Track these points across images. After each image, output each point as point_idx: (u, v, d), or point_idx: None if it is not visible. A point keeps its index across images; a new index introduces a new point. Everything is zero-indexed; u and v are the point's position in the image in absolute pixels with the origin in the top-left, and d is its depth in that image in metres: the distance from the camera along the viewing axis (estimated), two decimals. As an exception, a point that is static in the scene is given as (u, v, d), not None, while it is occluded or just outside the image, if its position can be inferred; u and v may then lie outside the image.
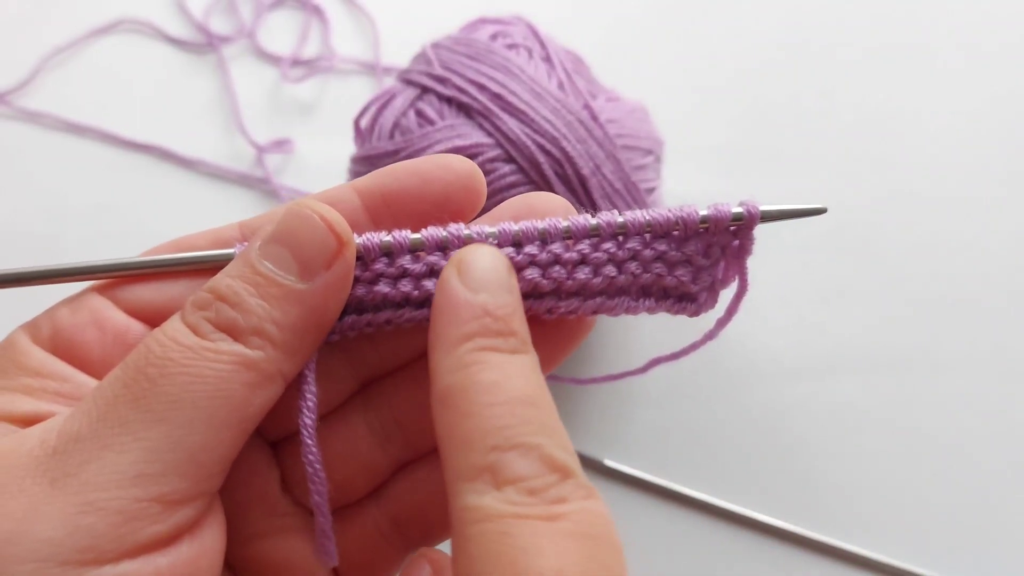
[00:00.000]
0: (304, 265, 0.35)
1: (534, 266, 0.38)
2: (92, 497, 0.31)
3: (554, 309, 0.39)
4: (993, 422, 0.77)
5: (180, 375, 0.33)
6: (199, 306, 0.35)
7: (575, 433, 0.76)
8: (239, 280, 0.35)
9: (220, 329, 0.34)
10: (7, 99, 0.91)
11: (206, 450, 0.33)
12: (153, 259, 0.38)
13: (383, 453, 0.41)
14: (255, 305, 0.34)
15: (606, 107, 0.69)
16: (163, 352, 0.33)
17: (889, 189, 0.86)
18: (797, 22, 0.96)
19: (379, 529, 0.41)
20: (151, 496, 0.31)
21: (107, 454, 0.31)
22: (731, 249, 0.39)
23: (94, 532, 0.30)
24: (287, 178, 0.88)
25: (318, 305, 0.36)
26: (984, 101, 0.91)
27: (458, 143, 0.65)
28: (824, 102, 0.91)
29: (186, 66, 0.94)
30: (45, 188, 0.88)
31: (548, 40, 0.71)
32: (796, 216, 0.39)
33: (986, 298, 0.82)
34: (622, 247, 0.39)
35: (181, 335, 0.34)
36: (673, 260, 0.39)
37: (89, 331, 0.37)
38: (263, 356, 0.34)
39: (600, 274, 0.38)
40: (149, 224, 0.86)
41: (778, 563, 0.72)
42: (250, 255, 0.35)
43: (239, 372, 0.33)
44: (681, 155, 0.81)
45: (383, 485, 0.42)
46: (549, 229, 0.38)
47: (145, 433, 0.32)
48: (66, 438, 0.32)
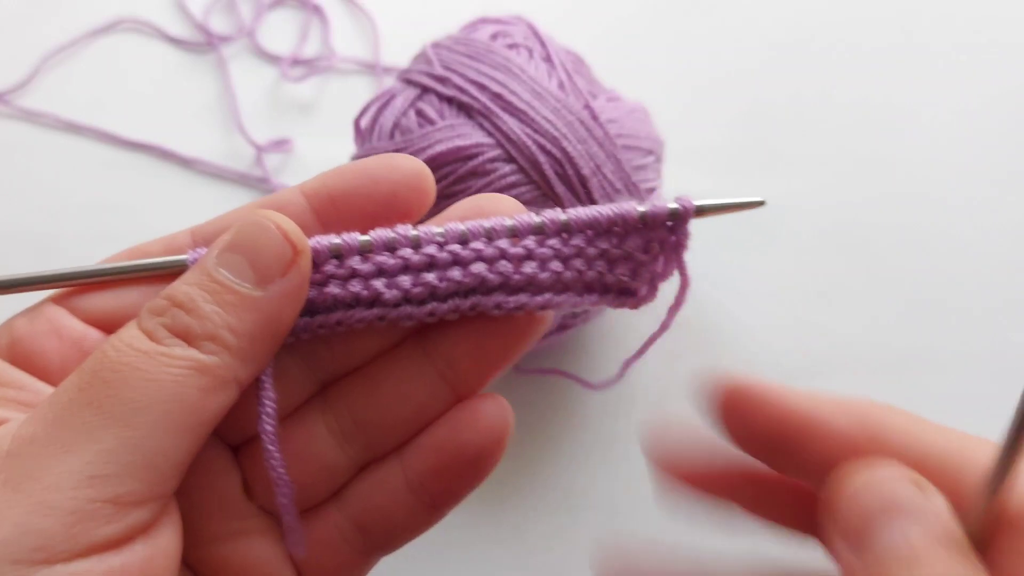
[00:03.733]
0: (260, 272, 0.36)
1: (480, 261, 0.39)
2: (45, 497, 0.31)
3: (503, 304, 0.39)
4: (993, 422, 0.77)
5: (135, 379, 0.33)
6: (155, 312, 0.35)
7: (575, 433, 0.76)
8: (195, 287, 0.35)
9: (175, 335, 0.34)
10: (6, 98, 0.91)
11: (161, 453, 0.33)
12: (106, 267, 0.39)
13: (343, 454, 0.41)
14: (210, 311, 0.35)
15: (606, 107, 0.69)
16: (118, 357, 0.34)
17: (888, 188, 0.86)
18: (797, 22, 0.96)
19: (340, 532, 0.41)
20: (105, 497, 0.32)
21: (61, 455, 0.32)
22: (668, 244, 0.41)
23: (46, 532, 0.31)
24: (286, 178, 0.88)
25: (273, 312, 0.36)
26: (983, 101, 0.91)
27: (458, 143, 0.64)
28: (824, 102, 0.91)
29: (185, 65, 0.94)
30: (44, 187, 0.88)
31: (548, 40, 0.71)
32: (733, 210, 0.40)
33: (985, 298, 0.82)
34: (567, 243, 0.40)
35: (137, 340, 0.34)
36: (614, 257, 0.40)
37: (47, 340, 0.38)
38: (218, 361, 0.35)
39: (547, 269, 0.40)
40: (148, 223, 0.85)
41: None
42: (207, 263, 0.36)
43: (194, 376, 0.34)
44: (681, 155, 0.81)
45: (343, 488, 0.42)
46: (495, 227, 0.39)
47: (100, 435, 0.32)
48: (20, 441, 0.33)
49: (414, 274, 0.39)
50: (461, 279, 0.39)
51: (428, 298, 0.39)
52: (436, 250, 0.39)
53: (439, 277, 0.39)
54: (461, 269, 0.39)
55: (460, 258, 0.39)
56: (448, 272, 0.39)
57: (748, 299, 0.62)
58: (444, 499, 0.41)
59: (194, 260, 0.38)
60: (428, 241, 0.39)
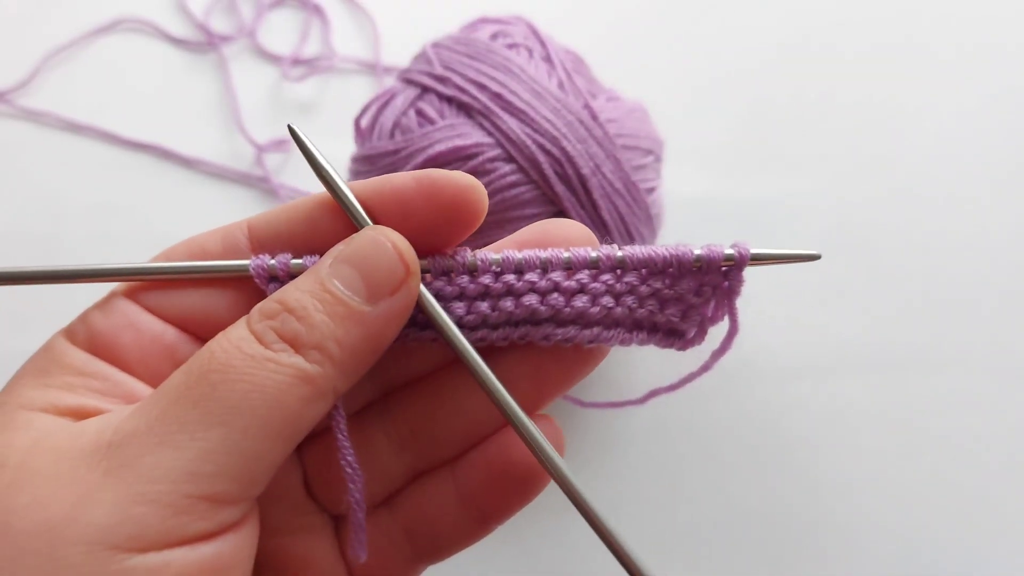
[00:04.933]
0: (371, 288, 0.36)
1: (533, 293, 0.39)
2: (145, 489, 0.32)
3: (551, 336, 0.40)
4: (993, 422, 0.77)
5: (240, 382, 0.34)
6: (266, 315, 0.36)
7: (574, 433, 0.76)
8: (308, 295, 0.36)
9: (283, 340, 0.35)
10: (8, 98, 0.91)
11: (257, 457, 0.34)
12: (173, 266, 0.40)
13: (398, 460, 0.42)
14: (320, 321, 0.36)
15: (606, 107, 0.69)
16: (226, 358, 0.34)
17: (888, 188, 0.87)
18: (797, 22, 0.96)
19: (390, 537, 0.42)
20: (201, 494, 0.33)
21: (163, 450, 0.33)
22: (721, 289, 0.41)
23: (143, 522, 0.32)
24: (286, 177, 0.88)
25: (378, 329, 0.37)
26: (984, 101, 0.91)
27: (458, 143, 0.65)
28: (824, 101, 0.91)
29: (186, 65, 0.95)
30: (45, 187, 0.88)
31: (548, 40, 0.71)
32: (788, 261, 0.41)
33: (985, 298, 0.82)
34: (620, 280, 0.40)
35: (245, 343, 0.35)
36: (666, 297, 0.41)
37: (125, 333, 0.39)
38: (320, 372, 0.35)
39: (598, 304, 0.40)
40: (149, 223, 0.86)
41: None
42: (320, 271, 0.37)
43: (296, 386, 0.34)
44: (681, 155, 0.81)
45: (396, 494, 0.43)
46: (551, 258, 0.40)
47: (202, 434, 0.33)
48: (123, 433, 0.34)
49: (468, 301, 0.40)
50: (513, 310, 0.39)
51: (480, 325, 0.40)
52: (491, 279, 0.40)
53: (491, 306, 0.40)
54: (514, 300, 0.39)
55: (513, 289, 0.39)
56: (501, 302, 0.40)
57: (747, 299, 0.61)
58: (493, 514, 0.42)
59: (256, 267, 0.39)
60: (484, 270, 0.40)
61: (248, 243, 0.40)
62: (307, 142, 0.40)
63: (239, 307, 0.39)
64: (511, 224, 0.65)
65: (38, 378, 0.37)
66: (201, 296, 0.40)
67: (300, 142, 0.40)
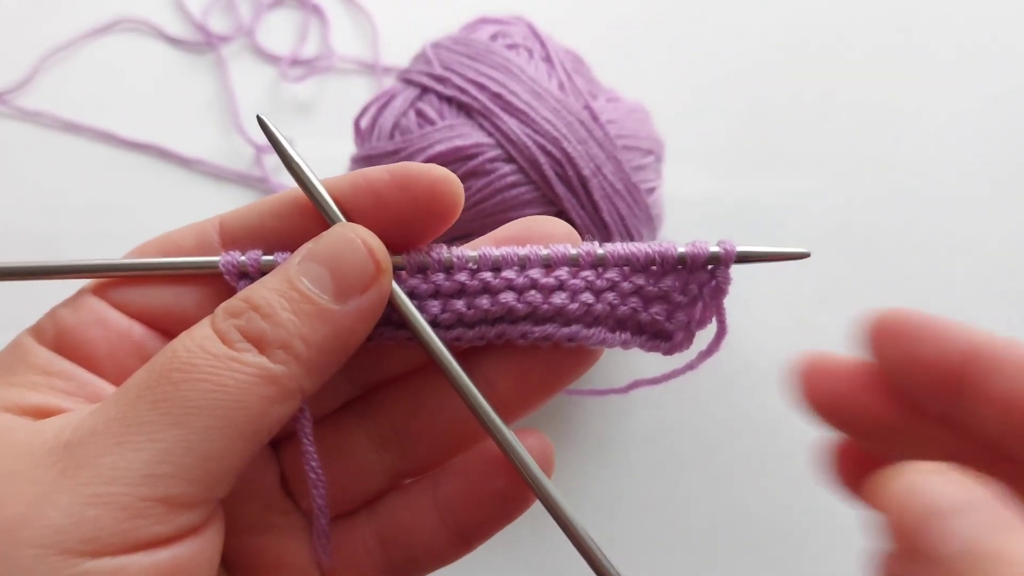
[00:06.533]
0: (340, 286, 0.36)
1: (509, 290, 0.38)
2: (100, 490, 0.31)
3: (528, 334, 0.39)
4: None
5: (202, 382, 0.33)
6: (231, 313, 0.35)
7: (572, 434, 0.76)
8: (275, 293, 0.35)
9: (248, 339, 0.34)
10: (6, 98, 0.91)
11: (218, 458, 0.33)
12: (143, 262, 0.39)
13: (378, 460, 0.41)
14: (286, 319, 0.35)
15: (606, 107, 0.69)
16: (188, 357, 0.34)
17: (889, 189, 0.86)
18: (797, 22, 0.96)
19: (365, 545, 0.41)
20: (157, 496, 0.32)
21: (120, 450, 0.32)
22: (708, 288, 0.40)
23: (98, 524, 0.31)
24: (285, 177, 0.88)
25: (347, 327, 0.36)
26: (984, 101, 0.91)
27: (458, 143, 0.64)
28: (824, 102, 0.91)
29: (184, 65, 0.94)
30: (43, 187, 0.88)
31: (548, 40, 0.71)
32: (777, 259, 0.39)
33: (985, 298, 0.82)
34: (600, 276, 0.39)
35: (209, 342, 0.34)
36: (650, 295, 0.40)
37: (93, 330, 0.38)
38: (286, 371, 0.34)
39: (577, 300, 0.39)
40: (147, 223, 0.85)
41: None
42: (288, 269, 0.36)
43: (260, 385, 0.34)
44: (681, 155, 0.81)
45: (375, 500, 0.42)
46: (530, 255, 0.39)
47: (160, 435, 0.32)
48: (82, 432, 0.33)
49: (443, 299, 0.39)
50: (489, 307, 0.38)
51: (456, 324, 0.39)
52: (467, 277, 0.39)
53: (467, 304, 0.39)
54: (490, 298, 0.38)
55: (490, 286, 0.38)
56: (476, 300, 0.39)
57: (747, 299, 0.62)
58: (471, 529, 0.40)
59: (226, 264, 0.38)
60: (460, 267, 0.39)
61: (219, 239, 0.39)
62: (278, 134, 0.39)
63: (211, 304, 0.38)
64: (511, 225, 0.64)
65: (2, 376, 0.36)
66: (172, 293, 0.39)
67: (271, 134, 0.39)
